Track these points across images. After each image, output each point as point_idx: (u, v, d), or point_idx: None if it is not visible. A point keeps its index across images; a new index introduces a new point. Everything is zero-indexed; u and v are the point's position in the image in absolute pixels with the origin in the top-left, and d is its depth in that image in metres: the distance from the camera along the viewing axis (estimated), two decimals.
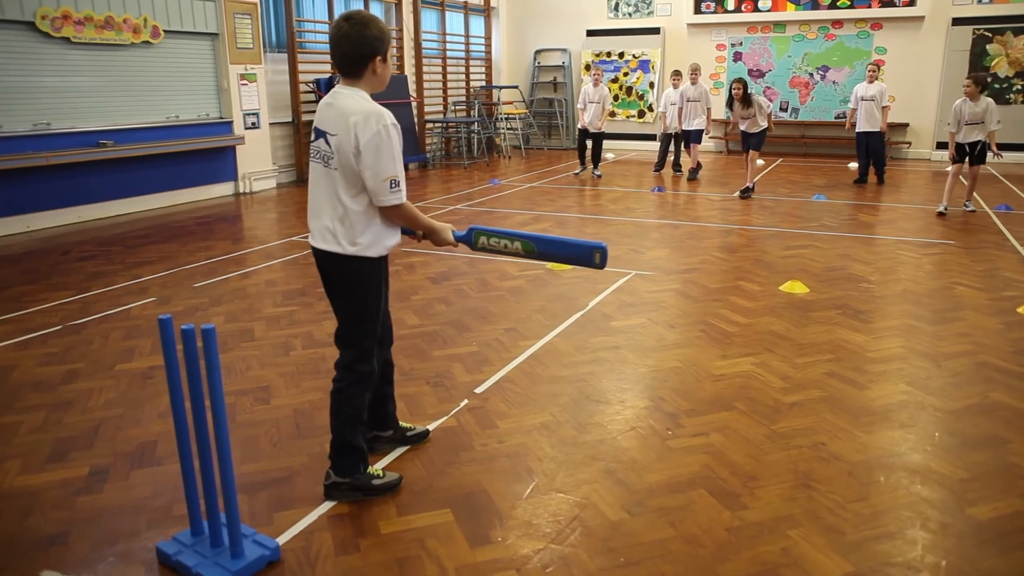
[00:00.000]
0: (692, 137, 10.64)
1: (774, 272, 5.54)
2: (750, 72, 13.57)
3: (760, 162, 11.22)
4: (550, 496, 2.66)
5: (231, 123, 9.37)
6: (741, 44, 13.61)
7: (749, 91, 8.95)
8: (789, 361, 3.85)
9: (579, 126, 10.99)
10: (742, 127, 9.18)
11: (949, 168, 7.95)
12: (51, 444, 3.06)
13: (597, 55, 14.59)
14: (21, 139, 7.18)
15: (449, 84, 13.78)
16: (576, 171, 11.09)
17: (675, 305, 4.85)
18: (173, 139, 8.60)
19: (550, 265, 5.71)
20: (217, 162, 9.33)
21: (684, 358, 3.94)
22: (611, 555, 2.33)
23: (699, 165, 10.78)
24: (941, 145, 10.09)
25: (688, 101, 10.52)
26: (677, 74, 10.78)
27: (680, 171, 11.16)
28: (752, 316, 4.57)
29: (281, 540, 2.40)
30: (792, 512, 2.54)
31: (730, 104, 9.14)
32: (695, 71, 10.56)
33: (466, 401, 3.42)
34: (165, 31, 8.44)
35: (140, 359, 3.97)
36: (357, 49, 2.46)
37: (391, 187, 2.42)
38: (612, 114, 13.63)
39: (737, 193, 9.11)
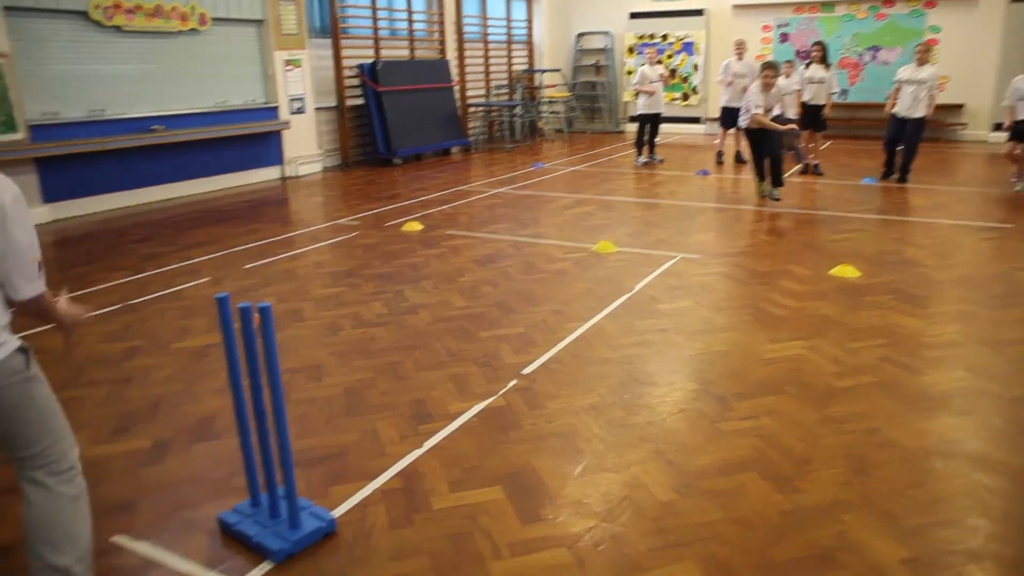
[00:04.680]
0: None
1: (824, 256, 5.45)
2: (798, 54, 13.29)
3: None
4: (600, 476, 2.67)
5: (277, 108, 9.49)
6: (788, 25, 13.33)
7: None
8: (841, 345, 3.80)
9: (640, 111, 10.23)
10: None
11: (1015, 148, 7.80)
12: (116, 417, 3.16)
13: (640, 37, 14.43)
14: (77, 125, 7.37)
15: (491, 68, 13.75)
16: (640, 160, 10.33)
17: (722, 288, 4.81)
18: (221, 124, 8.74)
19: (596, 248, 5.70)
20: (264, 147, 9.46)
21: (732, 341, 3.90)
22: (662, 535, 2.34)
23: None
24: (999, 126, 9.78)
25: (737, 77, 10.11)
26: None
27: (743, 161, 10.31)
28: (802, 300, 4.51)
29: (336, 513, 2.45)
30: (847, 497, 2.51)
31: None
32: (740, 47, 10.16)
33: (514, 381, 3.44)
34: (212, 18, 8.57)
35: (195, 338, 4.07)
36: None
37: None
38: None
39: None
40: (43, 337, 4.14)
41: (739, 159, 10.46)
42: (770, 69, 7.30)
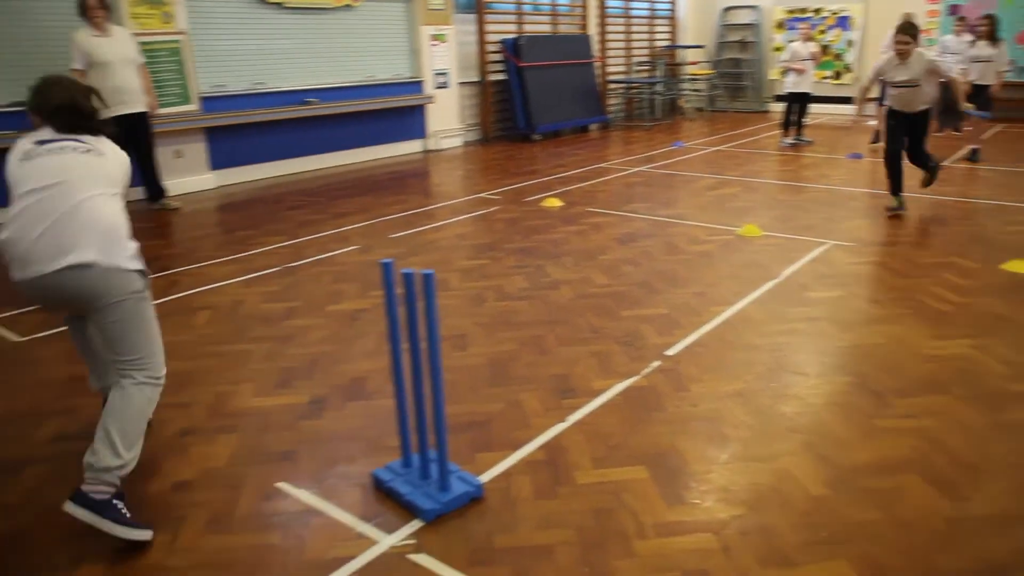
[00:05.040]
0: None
1: (994, 249, 5.04)
2: (960, 20, 12.25)
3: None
4: (747, 464, 2.61)
5: (422, 83, 9.72)
6: None
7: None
8: (1015, 347, 3.51)
9: (788, 89, 9.72)
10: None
11: None
12: (277, 372, 3.38)
13: (790, 12, 13.75)
14: (240, 97, 7.85)
15: (632, 44, 13.52)
16: (786, 141, 9.94)
17: (878, 279, 4.55)
18: (369, 98, 9.06)
19: (740, 231, 5.53)
20: (409, 120, 9.74)
21: (890, 335, 3.69)
22: (812, 529, 2.26)
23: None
24: None
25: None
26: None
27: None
28: (968, 295, 4.20)
29: (483, 479, 2.51)
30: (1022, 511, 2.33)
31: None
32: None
33: (657, 362, 3.41)
34: None
35: (347, 302, 4.27)
36: None
37: None
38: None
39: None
40: (213, 295, 4.47)
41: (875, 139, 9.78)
42: (903, 34, 5.65)
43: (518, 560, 2.15)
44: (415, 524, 2.31)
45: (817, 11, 13.47)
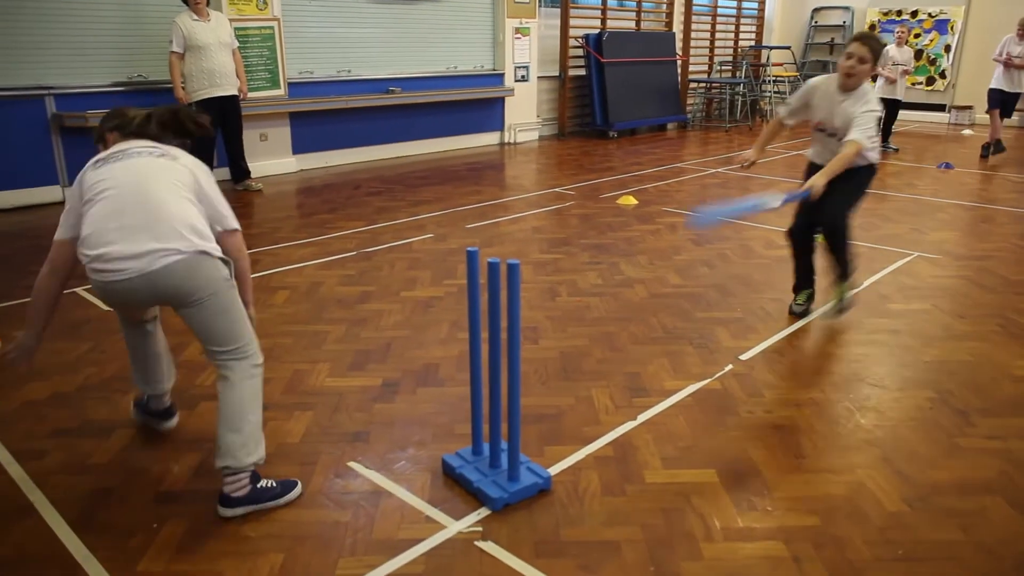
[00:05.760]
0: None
1: None
2: None
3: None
4: (820, 475, 2.55)
5: (503, 75, 9.77)
6: None
7: None
8: None
9: (878, 95, 9.34)
10: None
11: None
12: (352, 354, 3.46)
13: (886, 14, 13.28)
14: (327, 84, 8.05)
15: (717, 43, 13.29)
16: (889, 146, 9.70)
17: (965, 293, 4.38)
18: (450, 88, 9.16)
19: (820, 238, 5.37)
20: (487, 112, 9.80)
21: (977, 352, 3.56)
22: (889, 546, 2.20)
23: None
24: None
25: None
26: None
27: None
28: None
29: (551, 472, 2.53)
30: None
31: None
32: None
33: (730, 366, 3.36)
34: None
35: (422, 288, 4.34)
36: None
37: None
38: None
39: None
40: (292, 276, 4.60)
41: (985, 152, 9.35)
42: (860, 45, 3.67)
43: (584, 553, 2.16)
44: (482, 512, 2.34)
45: (914, 14, 12.99)
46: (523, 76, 10.00)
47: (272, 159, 7.74)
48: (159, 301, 2.32)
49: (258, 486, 2.33)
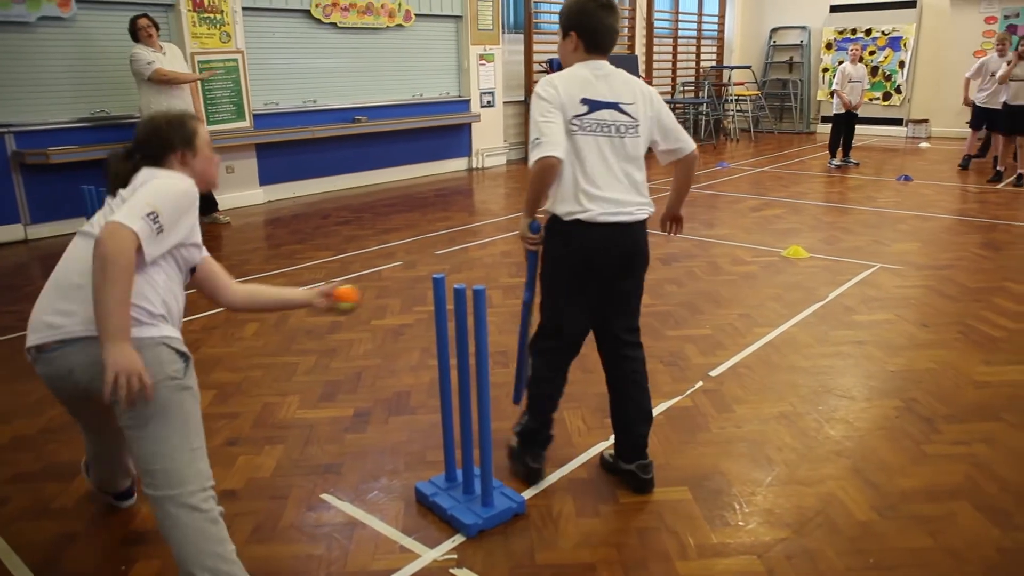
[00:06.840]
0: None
1: None
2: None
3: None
4: (792, 487, 2.58)
5: (468, 101, 9.84)
6: (1018, 16, 12.05)
7: None
8: None
9: (836, 111, 9.73)
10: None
11: None
12: (322, 385, 3.44)
13: (841, 32, 13.61)
14: (292, 115, 8.04)
15: (679, 64, 13.51)
16: (833, 163, 9.94)
17: (927, 303, 4.46)
18: (417, 116, 9.20)
19: (786, 252, 5.47)
20: (454, 138, 9.86)
21: (940, 360, 3.62)
22: (860, 556, 2.22)
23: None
24: None
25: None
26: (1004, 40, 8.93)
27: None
28: (1021, 320, 4.10)
29: (525, 496, 2.52)
30: None
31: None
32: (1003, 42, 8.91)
33: (701, 383, 3.39)
34: (416, 14, 9.01)
35: (392, 316, 4.33)
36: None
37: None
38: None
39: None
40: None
41: (967, 165, 9.58)
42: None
43: None
44: (457, 539, 2.33)
45: (868, 32, 13.32)
46: (489, 102, 10.09)
47: (239, 191, 7.71)
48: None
49: None
